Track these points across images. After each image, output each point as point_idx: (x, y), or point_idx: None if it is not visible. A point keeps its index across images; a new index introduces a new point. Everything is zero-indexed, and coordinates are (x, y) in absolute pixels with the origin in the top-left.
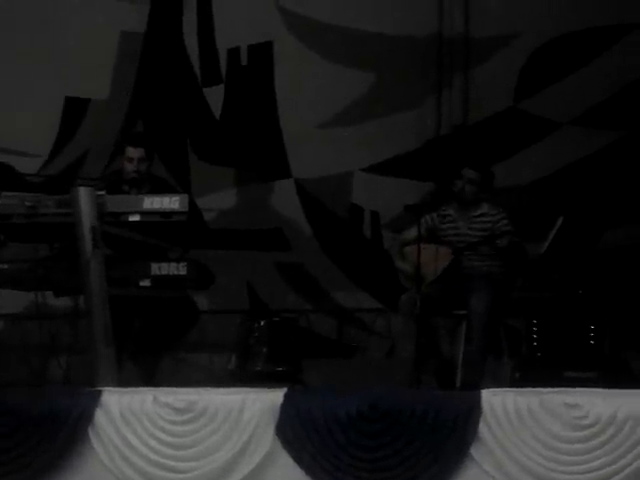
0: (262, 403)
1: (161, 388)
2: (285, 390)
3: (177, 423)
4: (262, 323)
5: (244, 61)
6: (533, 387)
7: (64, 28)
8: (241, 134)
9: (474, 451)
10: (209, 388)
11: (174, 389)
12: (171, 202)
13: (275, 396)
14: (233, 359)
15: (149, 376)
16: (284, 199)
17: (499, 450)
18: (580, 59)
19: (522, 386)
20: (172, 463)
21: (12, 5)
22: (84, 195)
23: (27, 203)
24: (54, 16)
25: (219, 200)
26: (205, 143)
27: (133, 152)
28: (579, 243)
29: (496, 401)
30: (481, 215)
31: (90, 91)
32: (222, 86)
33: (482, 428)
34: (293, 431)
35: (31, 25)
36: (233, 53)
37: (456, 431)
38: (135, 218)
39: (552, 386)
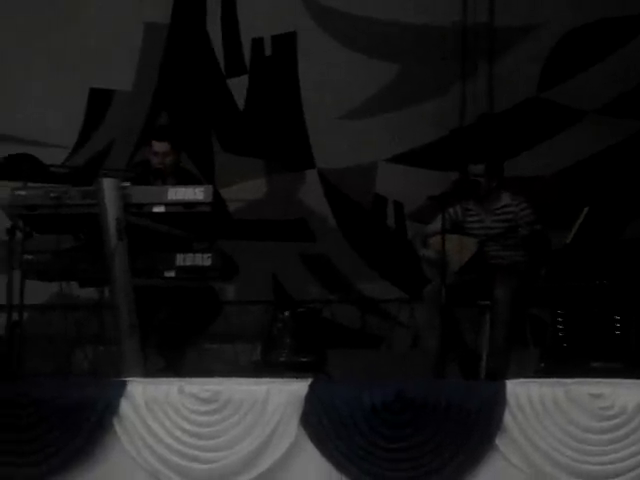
0: (287, 394)
1: (186, 378)
2: (309, 381)
3: (202, 413)
4: (286, 314)
5: (268, 51)
6: (558, 377)
7: (89, 19)
8: (265, 125)
9: (499, 441)
10: (234, 378)
11: (199, 379)
12: (195, 193)
13: (299, 387)
14: (258, 350)
15: (174, 366)
16: (308, 190)
17: (524, 440)
18: (605, 48)
19: (547, 376)
20: (197, 453)
21: None
22: (109, 186)
23: (52, 194)
24: (80, 8)
25: (243, 191)
26: (229, 134)
27: (158, 146)
28: (605, 233)
29: (521, 391)
30: (503, 207)
31: (115, 82)
32: (246, 77)
33: (507, 418)
34: (318, 422)
35: (56, 16)
36: (257, 43)
37: (481, 422)
38: (160, 209)
39: (577, 376)
